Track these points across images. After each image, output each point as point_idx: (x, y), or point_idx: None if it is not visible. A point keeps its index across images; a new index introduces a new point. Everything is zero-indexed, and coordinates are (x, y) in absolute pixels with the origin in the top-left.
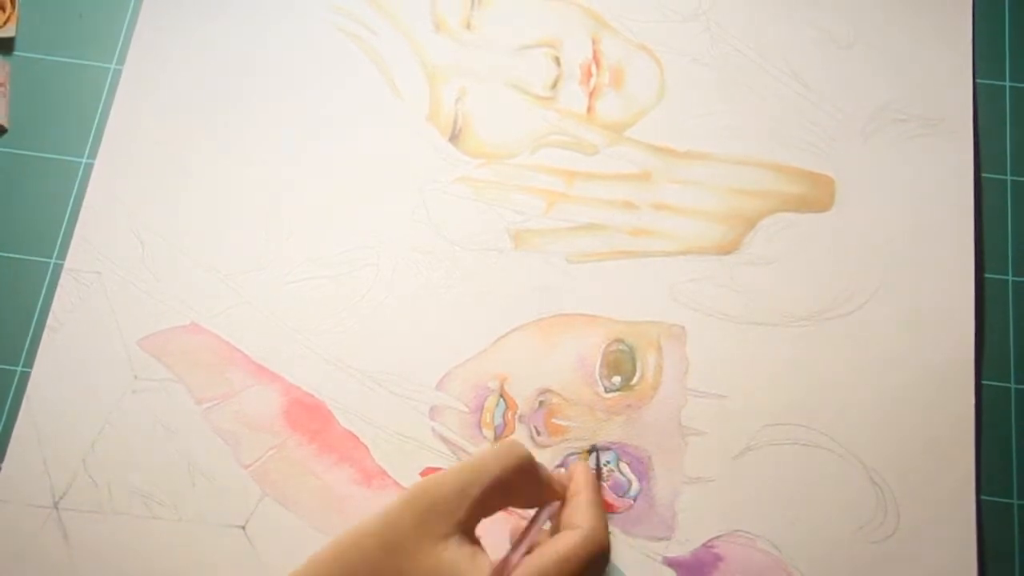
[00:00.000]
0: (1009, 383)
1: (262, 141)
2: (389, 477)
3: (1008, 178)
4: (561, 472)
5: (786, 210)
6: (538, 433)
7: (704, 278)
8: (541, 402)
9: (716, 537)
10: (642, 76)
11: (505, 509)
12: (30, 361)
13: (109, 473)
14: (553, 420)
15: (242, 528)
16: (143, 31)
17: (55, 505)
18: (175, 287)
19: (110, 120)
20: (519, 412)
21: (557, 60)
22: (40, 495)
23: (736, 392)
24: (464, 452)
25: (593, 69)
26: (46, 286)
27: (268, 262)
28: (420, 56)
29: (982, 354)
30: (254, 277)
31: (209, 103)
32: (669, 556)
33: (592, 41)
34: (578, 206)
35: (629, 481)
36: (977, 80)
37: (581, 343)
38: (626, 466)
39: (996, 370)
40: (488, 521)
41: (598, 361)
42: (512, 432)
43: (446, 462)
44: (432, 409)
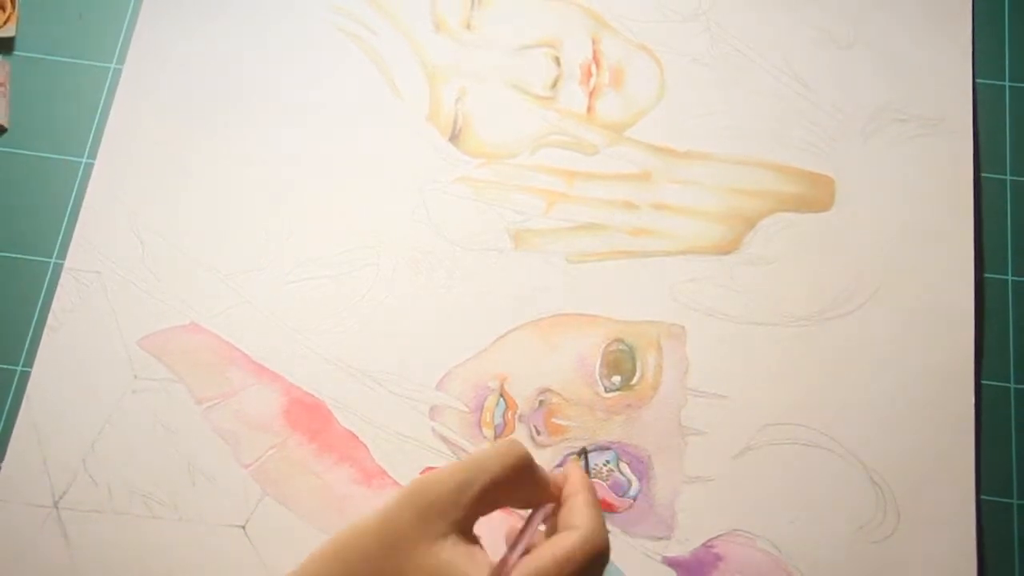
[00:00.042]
0: (1009, 383)
1: (262, 141)
2: (389, 476)
3: (1008, 178)
4: (556, 473)
5: (786, 210)
6: (538, 433)
7: (704, 278)
8: (541, 402)
9: (716, 537)
10: (642, 76)
11: (503, 508)
12: (30, 361)
13: (109, 473)
14: (553, 420)
15: (242, 527)
16: (143, 31)
17: (55, 505)
18: (175, 287)
19: (110, 120)
20: (519, 412)
21: (557, 60)
22: (40, 495)
23: (736, 392)
24: (464, 452)
25: (593, 69)
26: (46, 286)
27: (268, 262)
28: (420, 56)
29: (982, 354)
30: (254, 277)
31: (209, 103)
32: (669, 556)
33: (592, 41)
34: (578, 206)
35: (629, 481)
36: (977, 80)
37: (581, 343)
38: (626, 466)
39: (996, 370)
40: (485, 520)
41: (598, 361)
42: (512, 432)
43: (446, 461)
44: (432, 409)
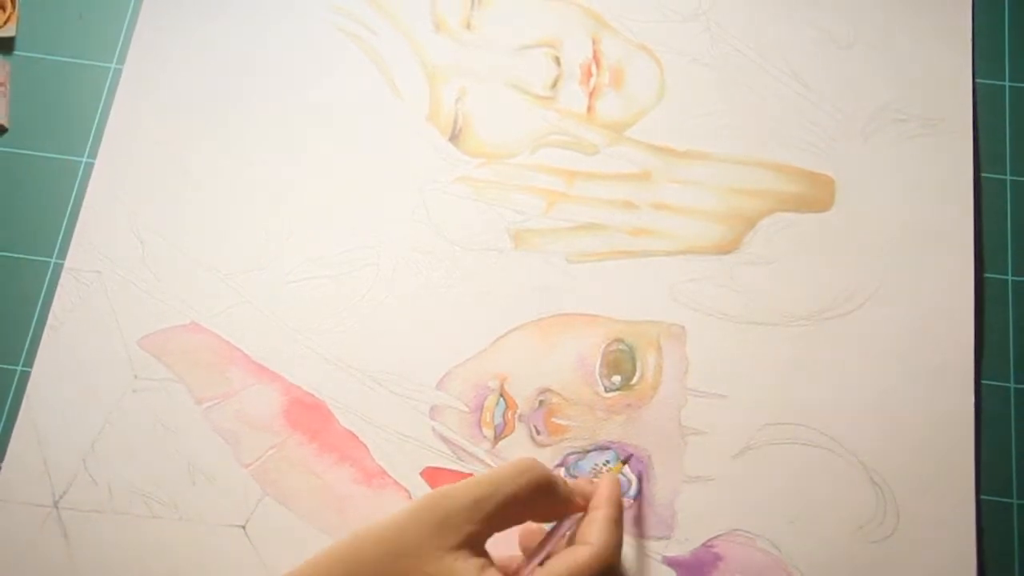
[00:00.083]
0: (1009, 383)
1: (262, 141)
2: (389, 476)
3: (1008, 178)
4: (589, 483)
5: (786, 210)
6: (538, 432)
7: (704, 278)
8: (541, 401)
9: (716, 536)
10: (642, 76)
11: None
12: (30, 360)
13: (109, 472)
14: (553, 419)
15: (242, 527)
16: (143, 31)
17: (55, 504)
18: (175, 286)
19: (110, 120)
20: (519, 411)
21: (557, 60)
22: (40, 494)
23: (736, 392)
24: (464, 451)
25: (593, 69)
26: (46, 285)
27: (268, 262)
28: (420, 56)
29: (982, 354)
30: (254, 277)
31: (209, 103)
32: (669, 555)
33: (592, 41)
34: (578, 206)
35: (629, 481)
36: (977, 80)
37: (581, 343)
38: (626, 466)
39: (996, 370)
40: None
41: (598, 361)
42: (512, 431)
43: (446, 461)
44: (432, 408)
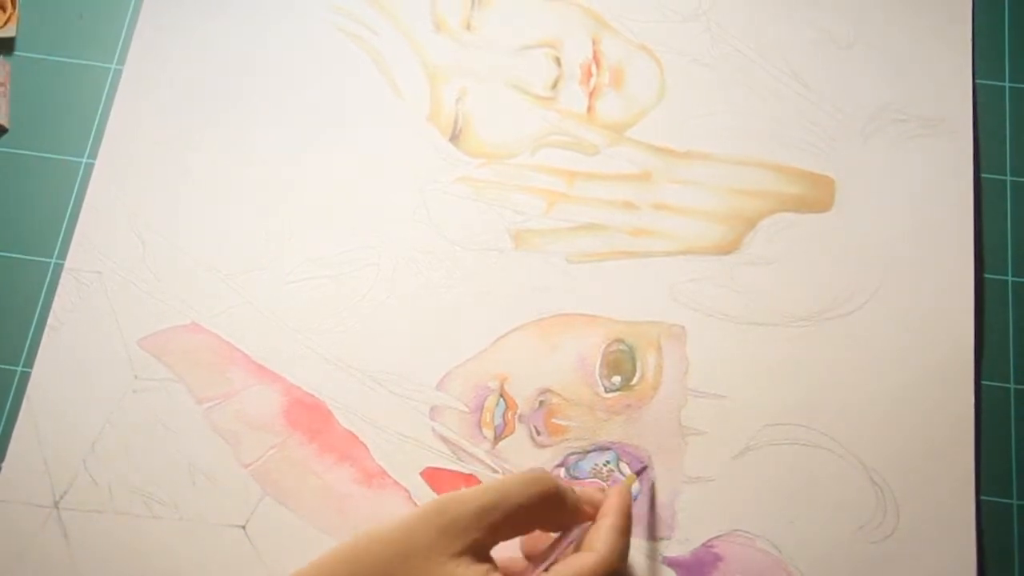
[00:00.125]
0: (1009, 383)
1: (263, 141)
2: (389, 476)
3: (1008, 178)
4: (598, 491)
5: (786, 210)
6: (538, 433)
7: (704, 278)
8: (541, 402)
9: (716, 537)
10: (642, 76)
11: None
12: (30, 361)
13: (109, 473)
14: (553, 420)
15: (242, 527)
16: (143, 31)
17: (55, 505)
18: (176, 287)
19: (110, 120)
20: (519, 412)
21: (557, 60)
22: (40, 495)
23: (736, 392)
24: (464, 452)
25: (593, 69)
26: (46, 286)
27: (269, 262)
28: (421, 56)
29: (982, 354)
30: (255, 277)
31: (210, 103)
32: (669, 556)
33: (592, 41)
34: (578, 206)
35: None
36: (977, 80)
37: (581, 343)
38: (626, 466)
39: (996, 370)
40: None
41: (598, 361)
42: (512, 432)
43: (446, 462)
44: (432, 409)
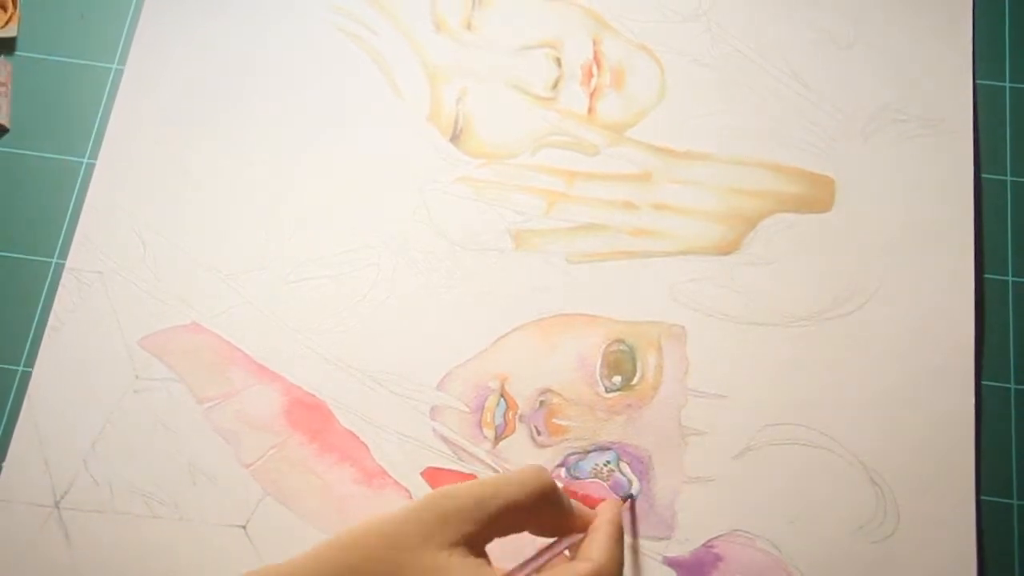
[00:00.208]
0: (1009, 383)
1: (263, 141)
2: (389, 476)
3: (1008, 178)
4: (587, 508)
5: (786, 210)
6: (538, 433)
7: (704, 278)
8: (542, 402)
9: (716, 537)
10: (643, 76)
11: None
12: (31, 361)
13: (110, 472)
14: (553, 420)
15: (243, 527)
16: (144, 31)
17: (56, 504)
18: (176, 287)
19: (111, 120)
20: (520, 412)
21: (558, 61)
22: (41, 494)
23: (736, 392)
24: (464, 452)
25: (594, 69)
26: (47, 286)
27: (269, 262)
28: (421, 56)
29: (982, 354)
30: (255, 277)
31: (210, 103)
32: (669, 556)
33: (593, 42)
34: (579, 206)
35: (629, 481)
36: (977, 80)
37: (581, 343)
38: (626, 466)
39: (996, 370)
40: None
41: (598, 361)
42: (513, 432)
43: (447, 462)
44: (433, 409)
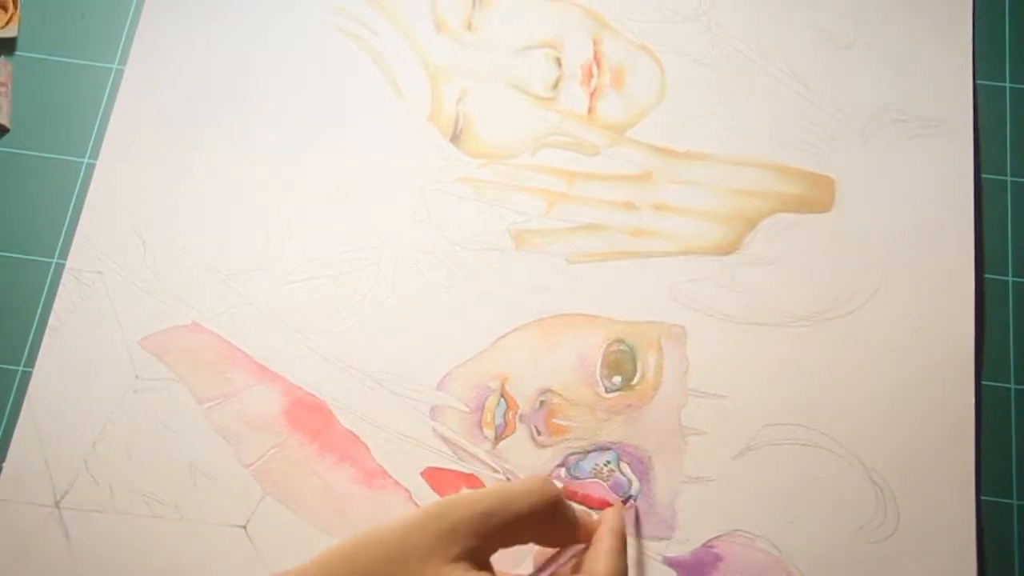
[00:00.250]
0: (1009, 383)
1: (263, 141)
2: (390, 476)
3: (1008, 179)
4: (592, 516)
5: (786, 210)
6: (539, 433)
7: (704, 278)
8: (542, 402)
9: (716, 537)
10: (643, 77)
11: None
12: (31, 361)
13: (110, 472)
14: (554, 420)
15: (243, 527)
16: (145, 31)
17: (56, 504)
18: (176, 287)
19: (111, 120)
20: (520, 412)
21: (558, 61)
22: (41, 494)
23: (736, 392)
24: (465, 452)
25: (594, 70)
26: (47, 286)
27: (269, 262)
28: (421, 56)
29: (982, 354)
30: (255, 277)
31: (210, 103)
32: (669, 556)
33: (593, 42)
34: (579, 206)
35: (629, 481)
36: (977, 80)
37: (581, 343)
38: (626, 466)
39: (996, 370)
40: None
41: (599, 361)
42: (513, 432)
43: (447, 462)
44: (433, 409)
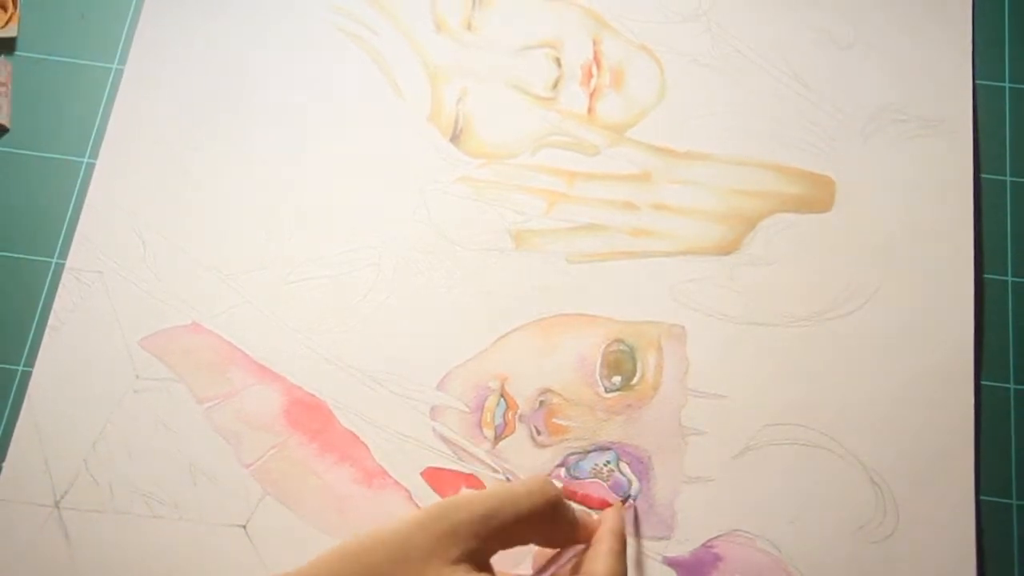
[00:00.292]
0: (1008, 383)
1: (263, 141)
2: (390, 476)
3: (1008, 179)
4: (592, 516)
5: (786, 210)
6: (538, 433)
7: (704, 278)
8: (542, 402)
9: (716, 537)
10: (643, 76)
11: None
12: (31, 361)
13: (110, 472)
14: (553, 420)
15: (243, 527)
16: (144, 31)
17: (56, 504)
18: (176, 287)
19: (111, 120)
20: (519, 412)
21: (558, 61)
22: (41, 494)
23: (736, 392)
24: (464, 452)
25: (594, 70)
26: (47, 286)
27: (269, 262)
28: (421, 56)
29: (981, 354)
30: (255, 277)
31: (210, 103)
32: (669, 556)
33: (593, 42)
34: (579, 206)
35: (629, 481)
36: (977, 80)
37: (581, 343)
38: (626, 466)
39: (996, 370)
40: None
41: (598, 361)
42: (512, 432)
43: (447, 462)
44: (433, 409)
